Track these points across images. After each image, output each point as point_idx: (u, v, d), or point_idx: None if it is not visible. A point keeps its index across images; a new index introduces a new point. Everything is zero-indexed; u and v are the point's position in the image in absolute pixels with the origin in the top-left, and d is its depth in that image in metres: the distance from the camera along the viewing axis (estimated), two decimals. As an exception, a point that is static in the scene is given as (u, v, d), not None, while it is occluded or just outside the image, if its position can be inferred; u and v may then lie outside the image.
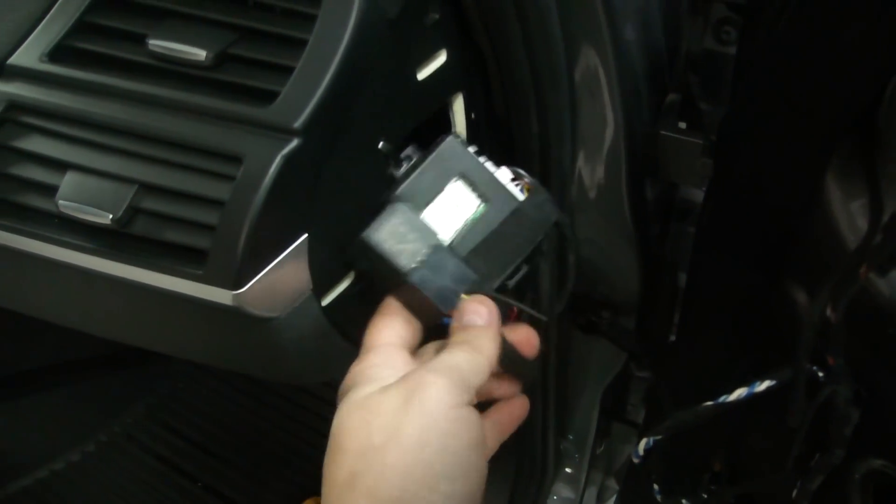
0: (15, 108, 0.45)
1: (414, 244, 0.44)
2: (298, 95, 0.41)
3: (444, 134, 0.47)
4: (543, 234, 0.48)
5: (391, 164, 0.47)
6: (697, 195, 0.71)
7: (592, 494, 0.97)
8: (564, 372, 0.79)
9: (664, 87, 0.64)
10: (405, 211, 0.44)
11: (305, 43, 0.42)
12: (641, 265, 0.69)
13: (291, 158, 0.40)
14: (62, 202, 0.43)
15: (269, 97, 0.42)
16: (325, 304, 0.47)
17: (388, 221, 0.44)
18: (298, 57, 0.42)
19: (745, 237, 0.54)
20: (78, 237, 0.44)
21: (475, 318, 0.43)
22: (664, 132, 0.62)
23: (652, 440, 0.53)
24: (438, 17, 0.48)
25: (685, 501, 0.67)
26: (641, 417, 0.90)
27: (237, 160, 0.40)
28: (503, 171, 0.48)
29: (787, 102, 0.47)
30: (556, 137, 0.58)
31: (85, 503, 1.06)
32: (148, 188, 0.42)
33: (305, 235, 0.43)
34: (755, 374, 0.55)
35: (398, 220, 0.44)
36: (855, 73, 0.43)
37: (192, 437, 1.12)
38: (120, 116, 0.43)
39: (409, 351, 0.44)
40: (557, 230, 0.49)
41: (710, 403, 0.49)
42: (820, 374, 0.47)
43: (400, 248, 0.43)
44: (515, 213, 0.46)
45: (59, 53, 0.46)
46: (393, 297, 0.45)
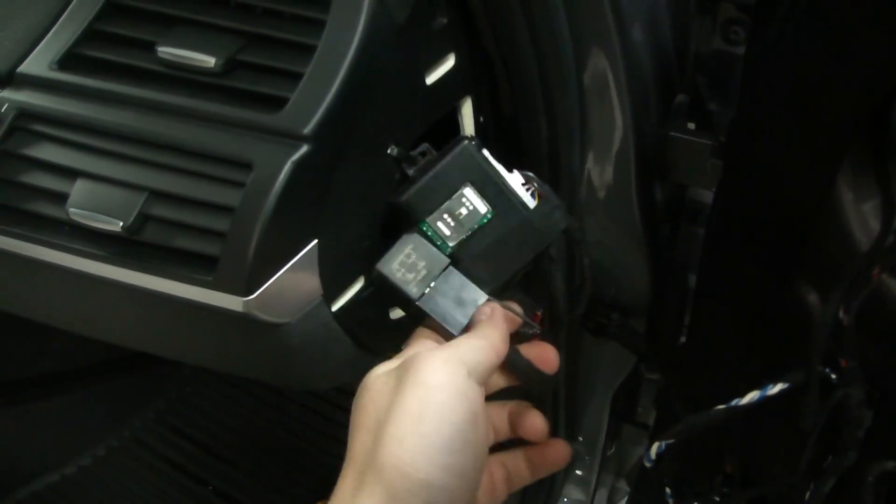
0: (25, 116, 0.45)
1: (423, 272, 0.46)
2: (308, 101, 0.41)
3: (459, 136, 0.47)
4: (551, 240, 0.49)
5: (403, 165, 0.48)
6: (707, 196, 0.71)
7: (603, 496, 0.96)
8: (574, 374, 0.79)
9: (673, 88, 0.64)
10: (415, 240, 0.46)
11: (314, 49, 0.42)
12: (651, 267, 0.68)
13: (301, 164, 0.40)
14: (73, 210, 0.43)
15: (278, 103, 0.42)
16: (335, 309, 0.47)
17: (399, 252, 0.46)
18: (307, 63, 0.42)
19: (755, 238, 0.54)
20: (88, 245, 0.44)
21: (480, 316, 0.46)
22: (673, 133, 0.62)
23: (664, 444, 0.52)
24: (446, 21, 0.48)
25: (697, 504, 0.67)
26: (652, 419, 0.89)
27: (247, 167, 0.41)
28: (515, 175, 0.48)
29: (797, 102, 0.46)
30: (565, 140, 0.57)
31: (96, 507, 1.07)
32: (158, 195, 0.42)
33: (315, 241, 0.43)
34: (766, 375, 0.55)
35: (408, 249, 0.46)
36: (866, 71, 0.42)
37: (201, 440, 1.12)
38: (129, 123, 0.43)
39: None
40: (567, 236, 0.50)
41: (722, 407, 0.49)
42: (832, 376, 0.46)
43: (409, 277, 0.46)
44: (523, 221, 0.48)
45: (68, 61, 0.46)
46: (422, 325, 0.47)
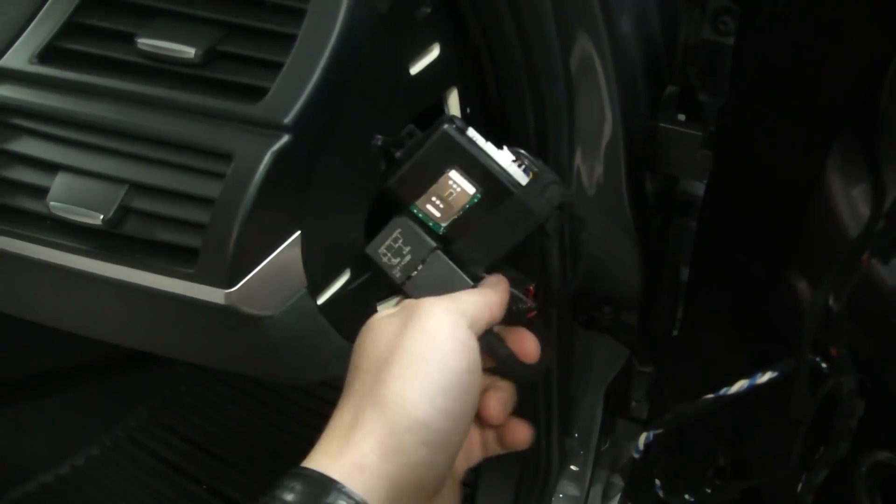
0: (5, 110, 0.45)
1: (408, 257, 0.46)
2: (288, 91, 0.41)
3: (442, 118, 0.46)
4: (545, 217, 0.48)
5: (391, 148, 0.47)
6: (698, 188, 0.70)
7: (598, 492, 0.96)
8: (567, 369, 0.79)
9: (662, 78, 0.64)
10: (404, 224, 0.46)
11: (295, 38, 0.42)
12: (642, 260, 0.68)
13: (282, 155, 0.40)
14: (53, 204, 0.43)
15: (258, 93, 0.41)
16: (321, 302, 0.46)
17: (386, 236, 0.47)
18: (288, 52, 0.42)
19: (746, 228, 0.53)
20: (69, 239, 0.43)
21: (486, 282, 0.46)
22: (663, 125, 0.61)
23: (652, 434, 0.52)
24: (430, 10, 0.48)
25: (688, 497, 0.66)
26: (646, 413, 0.89)
27: (227, 157, 0.40)
28: (504, 153, 0.47)
29: (786, 89, 0.46)
30: (553, 132, 0.57)
31: (89, 507, 1.06)
32: (138, 188, 0.42)
33: (298, 232, 0.43)
34: (759, 366, 0.54)
35: (396, 233, 0.46)
36: (855, 57, 0.42)
37: (195, 439, 1.12)
38: (109, 116, 0.43)
39: None
40: (566, 212, 0.49)
41: (710, 396, 0.48)
42: (823, 365, 0.46)
43: (395, 261, 0.46)
44: (513, 200, 0.46)
45: (48, 55, 0.46)
46: None
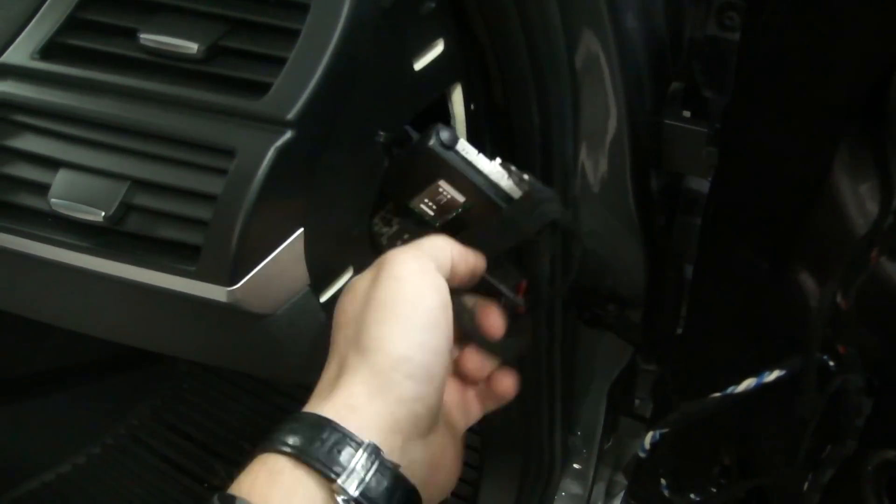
0: (7, 106, 0.44)
1: (397, 226, 0.47)
2: (291, 87, 0.40)
3: (430, 131, 0.45)
4: (534, 232, 0.47)
5: (392, 147, 0.47)
6: (703, 185, 0.70)
7: (601, 490, 0.96)
8: (571, 367, 0.78)
9: (667, 75, 0.63)
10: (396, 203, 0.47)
11: (298, 33, 0.41)
12: (647, 257, 0.68)
13: (285, 151, 0.39)
14: (54, 200, 0.42)
15: (261, 89, 0.41)
16: (323, 299, 0.46)
17: (380, 207, 0.47)
18: (291, 48, 0.41)
19: (751, 226, 0.53)
20: (71, 236, 0.43)
21: None
22: (668, 121, 0.61)
23: (658, 433, 0.52)
24: (435, 5, 0.47)
25: (694, 496, 0.66)
26: (649, 411, 0.88)
27: (230, 154, 0.40)
28: (495, 166, 0.46)
29: (792, 85, 0.45)
30: (557, 128, 0.57)
31: (91, 506, 1.06)
32: (140, 184, 0.42)
33: (301, 230, 0.42)
34: (765, 364, 0.54)
35: (389, 205, 0.47)
36: (862, 52, 0.41)
37: (197, 438, 1.12)
38: (111, 112, 0.43)
39: None
40: (560, 227, 0.48)
41: (717, 395, 0.48)
42: (830, 363, 0.46)
43: (385, 230, 0.47)
44: (501, 214, 0.46)
45: (50, 50, 0.45)
46: None
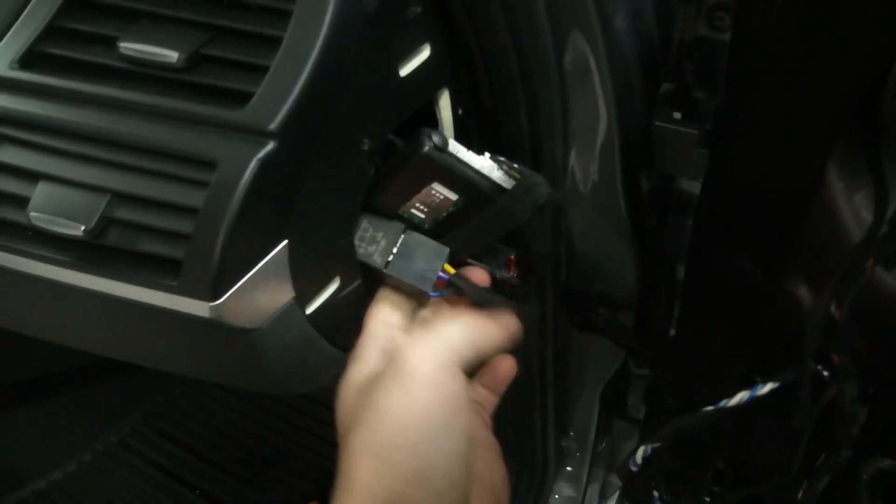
0: (-15, 117, 0.43)
1: (383, 241, 0.48)
2: (273, 96, 0.39)
3: (420, 134, 0.45)
4: (527, 216, 0.49)
5: (374, 159, 0.46)
6: (695, 186, 0.69)
7: (595, 492, 0.95)
8: (563, 370, 0.78)
9: (657, 76, 0.63)
10: (369, 216, 0.48)
11: (280, 41, 0.40)
12: (638, 260, 0.67)
13: (268, 162, 0.39)
14: (34, 214, 0.41)
15: (243, 98, 0.40)
16: (309, 311, 0.45)
17: (356, 229, 0.48)
18: (273, 56, 0.40)
19: (744, 230, 0.52)
20: (51, 250, 0.42)
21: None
22: (659, 123, 0.60)
23: (650, 448, 0.51)
24: (420, 10, 0.46)
25: (687, 504, 0.66)
26: (642, 413, 0.88)
27: (211, 165, 0.39)
28: (485, 160, 0.47)
29: (785, 89, 0.45)
30: (546, 132, 0.56)
31: (83, 514, 1.05)
32: (120, 197, 0.41)
33: (286, 242, 0.41)
34: (757, 369, 0.54)
35: (364, 223, 0.48)
36: (856, 56, 0.41)
37: (189, 444, 1.11)
38: (91, 123, 0.42)
39: (401, 330, 0.47)
40: (549, 206, 0.50)
41: (710, 408, 0.47)
42: (825, 372, 0.45)
43: (371, 249, 0.48)
44: (496, 206, 0.48)
45: (29, 60, 0.44)
46: (385, 286, 0.49)
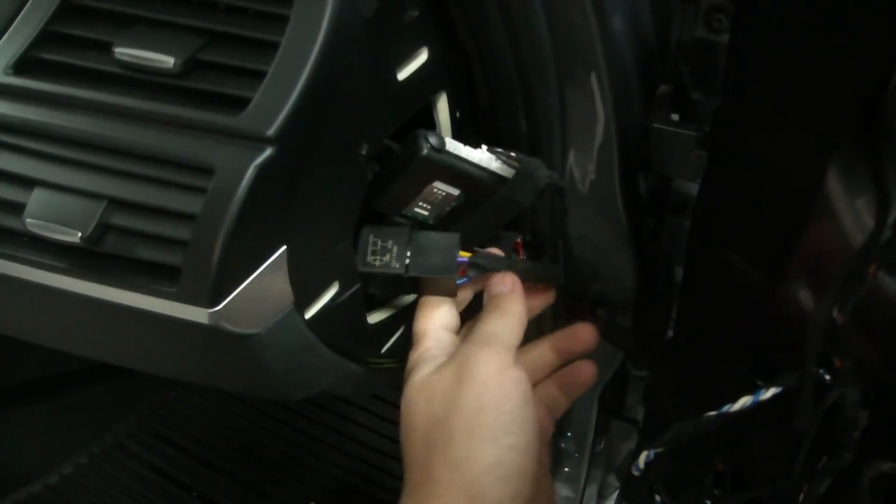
0: (-22, 123, 0.43)
1: (395, 248, 0.48)
2: (271, 101, 0.39)
3: (417, 136, 0.46)
4: (528, 203, 0.50)
5: (372, 164, 0.46)
6: (692, 187, 0.69)
7: (593, 492, 0.95)
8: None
9: (655, 78, 0.63)
10: (371, 229, 0.49)
11: (278, 46, 0.40)
12: (636, 261, 0.67)
13: (265, 168, 0.38)
14: (30, 220, 0.41)
15: (240, 104, 0.40)
16: (308, 316, 0.45)
17: (365, 246, 0.49)
18: (270, 61, 0.40)
19: (743, 232, 0.52)
20: (47, 256, 0.42)
21: (501, 287, 0.49)
22: (656, 125, 0.60)
23: (653, 453, 0.51)
24: (417, 13, 0.46)
25: (687, 507, 0.66)
26: (640, 414, 0.88)
27: (209, 172, 0.39)
28: (484, 153, 0.48)
29: (783, 92, 0.45)
30: (545, 134, 0.56)
31: (79, 516, 1.05)
32: (117, 203, 0.40)
33: (284, 248, 0.41)
34: (756, 372, 0.53)
35: (371, 238, 0.49)
36: (857, 58, 0.41)
37: (185, 446, 1.11)
38: (87, 129, 0.41)
39: (453, 332, 0.49)
40: (549, 189, 0.51)
41: (712, 414, 0.47)
42: (826, 376, 0.45)
43: (387, 259, 0.48)
44: (498, 196, 0.49)
45: (24, 65, 0.44)
46: (424, 291, 0.50)
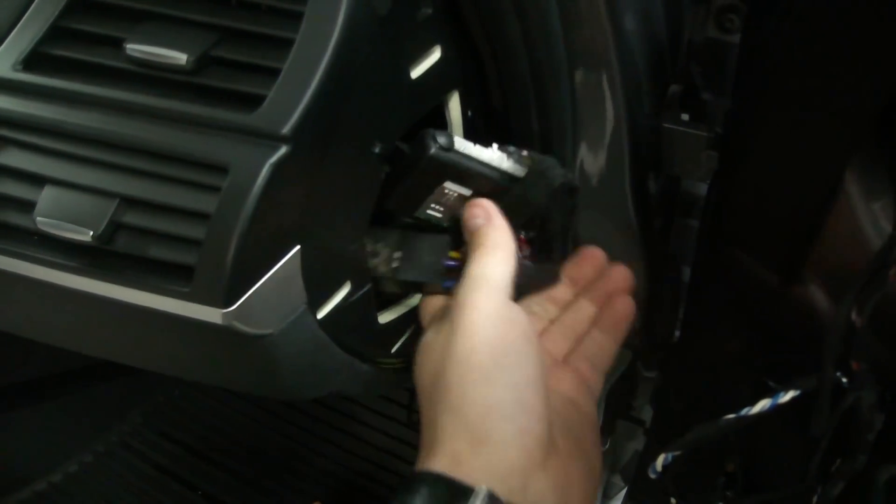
0: (-11, 119, 0.43)
1: (384, 250, 0.48)
2: (286, 99, 0.39)
3: (425, 136, 0.45)
4: (544, 201, 0.49)
5: (384, 165, 0.46)
6: (700, 188, 0.69)
7: (598, 492, 0.95)
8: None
9: (666, 78, 0.62)
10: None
11: (292, 43, 0.40)
12: (645, 262, 0.67)
13: (280, 166, 0.38)
14: (40, 219, 0.41)
15: (254, 102, 0.39)
16: (320, 317, 0.45)
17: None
18: (285, 58, 0.40)
19: (755, 234, 0.52)
20: (58, 255, 0.41)
21: (476, 220, 0.47)
22: (667, 125, 0.60)
23: (671, 456, 0.51)
24: (431, 11, 0.46)
25: (700, 512, 0.65)
26: (646, 414, 0.88)
27: (223, 170, 0.38)
28: (495, 152, 0.48)
29: (802, 94, 0.44)
30: (556, 133, 0.56)
31: (84, 514, 1.05)
32: (129, 202, 0.40)
33: (298, 247, 0.41)
34: (766, 373, 0.53)
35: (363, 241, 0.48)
36: (879, 60, 0.40)
37: (190, 444, 1.10)
38: (98, 126, 0.41)
39: None
40: (564, 188, 0.50)
41: (731, 417, 0.47)
42: (843, 379, 0.45)
43: (376, 261, 0.48)
44: (510, 194, 0.49)
45: (33, 61, 0.43)
46: (422, 297, 0.50)
